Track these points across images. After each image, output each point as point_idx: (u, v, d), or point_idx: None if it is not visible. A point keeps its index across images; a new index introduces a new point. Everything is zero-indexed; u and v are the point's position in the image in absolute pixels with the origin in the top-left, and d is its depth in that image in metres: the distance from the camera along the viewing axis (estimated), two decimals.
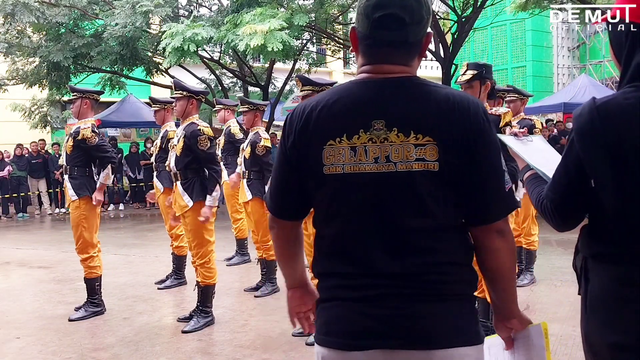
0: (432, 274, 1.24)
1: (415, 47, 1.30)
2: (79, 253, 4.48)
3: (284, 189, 1.41)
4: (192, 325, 4.06)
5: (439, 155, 1.22)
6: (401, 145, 1.24)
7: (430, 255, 1.24)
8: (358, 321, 1.25)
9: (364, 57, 1.33)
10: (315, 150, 1.29)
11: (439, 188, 1.24)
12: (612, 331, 1.30)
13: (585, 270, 1.39)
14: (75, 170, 4.42)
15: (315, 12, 10.14)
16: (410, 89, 1.28)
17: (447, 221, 1.26)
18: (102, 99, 5.25)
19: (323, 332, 1.31)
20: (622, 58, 1.36)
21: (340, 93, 1.32)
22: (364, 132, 1.26)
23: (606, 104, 1.29)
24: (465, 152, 1.23)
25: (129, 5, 9.45)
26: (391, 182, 1.24)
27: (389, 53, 1.29)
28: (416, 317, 1.22)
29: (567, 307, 4.32)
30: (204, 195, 4.06)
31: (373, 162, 1.25)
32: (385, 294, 1.24)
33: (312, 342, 3.62)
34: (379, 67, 1.31)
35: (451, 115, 1.24)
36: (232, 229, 6.38)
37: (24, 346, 3.86)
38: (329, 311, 1.31)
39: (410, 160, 1.23)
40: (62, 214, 12.43)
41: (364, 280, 1.26)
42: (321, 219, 1.34)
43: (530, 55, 19.66)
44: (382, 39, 1.27)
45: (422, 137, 1.23)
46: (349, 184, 1.27)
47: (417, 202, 1.24)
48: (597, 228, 1.37)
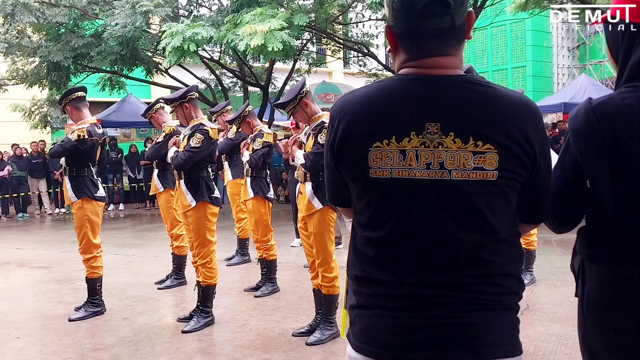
0: (485, 284, 1.18)
1: (462, 31, 1.21)
2: (82, 253, 4.47)
3: (334, 182, 1.35)
4: (192, 325, 4.06)
5: (498, 165, 1.14)
6: (457, 152, 1.15)
7: (484, 267, 1.18)
8: (403, 332, 1.18)
9: (410, 52, 1.22)
10: (361, 152, 1.20)
11: (497, 198, 1.17)
12: (610, 332, 1.29)
13: (582, 271, 1.39)
14: (75, 170, 4.41)
15: (315, 12, 10.13)
16: (468, 90, 1.18)
17: (504, 233, 1.20)
18: (102, 99, 5.23)
19: (363, 340, 1.24)
20: (618, 58, 1.36)
21: (386, 89, 1.23)
22: (416, 135, 1.16)
23: (603, 104, 1.28)
24: (527, 159, 1.17)
25: (129, 5, 9.44)
26: (444, 192, 1.16)
27: (439, 44, 1.19)
28: (465, 327, 1.16)
29: (567, 307, 4.32)
30: (207, 196, 4.07)
31: (425, 167, 1.16)
32: (431, 303, 1.17)
33: (312, 342, 3.66)
34: (428, 61, 1.20)
35: (513, 120, 1.16)
36: (234, 228, 6.38)
37: (24, 346, 3.86)
38: (369, 319, 1.24)
39: (467, 169, 1.14)
40: (62, 214, 12.43)
41: (409, 289, 1.19)
42: (365, 222, 1.26)
43: (530, 55, 19.65)
44: (430, 29, 1.17)
45: (482, 145, 1.14)
46: (397, 190, 1.18)
47: (473, 214, 1.16)
48: (594, 229, 1.37)
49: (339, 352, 3.56)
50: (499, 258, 1.19)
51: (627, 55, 1.33)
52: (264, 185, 5.12)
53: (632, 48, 1.32)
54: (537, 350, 3.51)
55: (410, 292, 1.19)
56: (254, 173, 5.11)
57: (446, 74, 1.20)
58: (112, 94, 12.81)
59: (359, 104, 1.23)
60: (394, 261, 1.21)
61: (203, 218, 4.08)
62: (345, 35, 13.33)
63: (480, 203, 1.16)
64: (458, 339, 1.16)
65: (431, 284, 1.18)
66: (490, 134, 1.15)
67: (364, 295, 1.27)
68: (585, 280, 1.37)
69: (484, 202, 1.16)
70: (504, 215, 1.19)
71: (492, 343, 1.17)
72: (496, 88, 1.21)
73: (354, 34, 13.74)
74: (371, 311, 1.24)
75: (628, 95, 1.27)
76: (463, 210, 1.16)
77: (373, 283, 1.25)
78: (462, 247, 1.17)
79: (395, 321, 1.20)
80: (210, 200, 4.11)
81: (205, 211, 4.09)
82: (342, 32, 13.34)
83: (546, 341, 3.68)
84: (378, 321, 1.22)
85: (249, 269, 6.07)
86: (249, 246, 6.28)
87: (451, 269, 1.18)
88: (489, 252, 1.18)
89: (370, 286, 1.25)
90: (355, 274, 1.29)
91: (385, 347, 1.21)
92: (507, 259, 1.21)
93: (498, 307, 1.19)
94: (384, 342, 1.21)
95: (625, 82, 1.32)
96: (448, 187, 1.16)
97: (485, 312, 1.18)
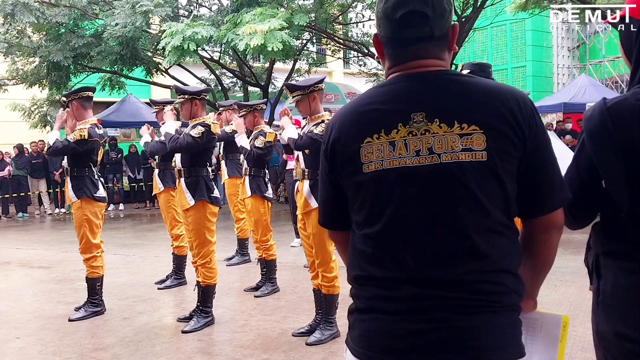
0: (483, 282, 1.17)
1: (443, 41, 1.26)
2: (82, 253, 4.47)
3: (328, 197, 1.37)
4: (192, 325, 4.06)
5: (486, 144, 1.16)
6: (444, 136, 1.17)
7: (480, 261, 1.17)
8: (403, 337, 1.17)
9: (392, 59, 1.28)
10: (354, 151, 1.24)
11: (489, 180, 1.17)
12: (623, 322, 1.30)
13: (597, 266, 1.40)
14: (76, 170, 4.41)
15: (315, 12, 10.14)
16: (449, 81, 1.23)
17: (500, 218, 1.19)
18: (102, 99, 5.22)
19: (362, 345, 1.23)
20: (632, 58, 1.36)
21: (374, 93, 1.29)
22: (403, 125, 1.20)
23: (617, 104, 1.28)
24: (516, 138, 1.18)
25: (129, 5, 9.45)
26: (436, 176, 1.17)
27: (418, 50, 1.24)
28: (466, 330, 1.15)
29: (567, 307, 4.32)
30: (207, 195, 4.07)
31: (414, 155, 1.19)
32: (430, 305, 1.16)
33: (312, 342, 3.66)
34: (409, 64, 1.26)
35: (497, 102, 1.18)
36: (234, 229, 6.38)
37: (24, 346, 3.86)
38: (368, 324, 1.23)
39: (456, 151, 1.16)
40: (62, 214, 12.43)
41: (406, 290, 1.18)
42: (362, 220, 1.27)
43: (530, 55, 19.64)
44: (408, 38, 1.23)
45: (468, 127, 1.17)
46: (390, 180, 1.20)
47: (467, 197, 1.16)
48: (609, 226, 1.37)
49: (339, 352, 3.56)
50: (494, 253, 1.18)
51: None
52: (262, 185, 5.11)
53: None
54: None
55: (409, 293, 1.18)
56: (252, 172, 5.11)
57: (427, 70, 1.25)
58: (112, 94, 12.82)
59: (347, 111, 1.30)
60: (392, 255, 1.21)
61: (202, 217, 4.08)
62: (345, 35, 13.34)
63: (472, 184, 1.17)
64: (459, 343, 1.15)
65: (430, 280, 1.17)
66: (473, 115, 1.18)
67: (362, 299, 1.26)
68: (600, 274, 1.38)
69: (476, 184, 1.17)
70: (497, 199, 1.19)
71: (494, 346, 1.16)
72: (477, 78, 1.26)
73: (354, 34, 13.75)
74: (370, 315, 1.24)
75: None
76: (458, 193, 1.17)
77: (370, 284, 1.24)
78: (461, 231, 1.17)
79: (393, 325, 1.19)
80: (210, 199, 4.11)
81: (205, 211, 4.09)
82: (342, 32, 13.35)
83: None
84: (377, 325, 1.22)
85: (249, 269, 6.07)
86: (249, 246, 6.28)
87: (453, 260, 1.16)
88: (484, 242, 1.17)
89: (369, 289, 1.25)
90: (354, 275, 1.29)
91: (384, 352, 1.20)
92: (503, 254, 1.19)
93: (499, 309, 1.18)
94: (382, 346, 1.20)
95: (639, 82, 1.32)
96: (439, 171, 1.17)
97: (486, 314, 1.16)
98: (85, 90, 4.52)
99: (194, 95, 4.16)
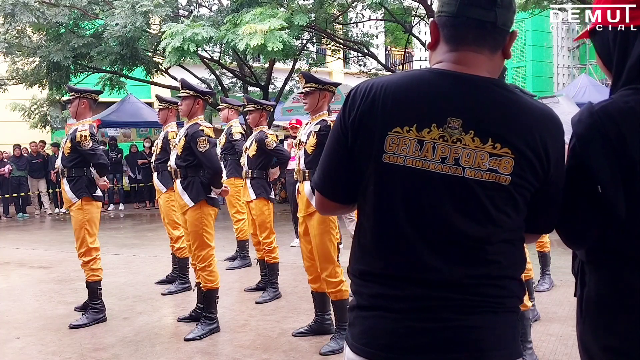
0: (488, 286, 1.18)
1: (501, 39, 1.23)
2: (81, 256, 4.38)
3: (336, 169, 1.29)
4: (195, 333, 3.94)
5: (512, 170, 1.15)
6: (474, 151, 1.15)
7: (487, 267, 1.18)
8: (405, 335, 1.17)
9: (448, 40, 1.23)
10: (378, 135, 1.19)
11: (506, 202, 1.17)
12: (607, 335, 1.28)
13: (582, 273, 1.38)
14: (73, 171, 4.38)
15: (315, 12, 10.14)
16: (495, 93, 1.19)
17: (510, 235, 1.20)
18: (102, 99, 5.22)
19: (363, 342, 1.22)
20: (611, 63, 1.34)
21: (415, 79, 1.23)
22: (437, 127, 1.16)
23: (606, 107, 1.26)
24: (541, 171, 1.18)
25: (129, 5, 9.45)
26: (456, 187, 1.16)
27: (477, 36, 1.21)
28: (468, 330, 1.16)
29: (567, 307, 4.33)
30: (204, 195, 4.06)
31: (439, 161, 1.16)
32: (434, 306, 1.16)
33: (327, 352, 3.59)
34: (462, 57, 1.22)
35: (534, 130, 1.17)
36: (233, 230, 6.36)
37: (24, 346, 3.86)
38: (370, 321, 1.22)
39: (481, 169, 1.15)
40: (62, 214, 12.43)
41: (411, 289, 1.18)
42: (370, 210, 1.23)
43: (530, 55, 19.65)
44: (472, 17, 1.19)
45: (500, 147, 1.15)
46: (408, 179, 1.17)
47: (482, 213, 1.16)
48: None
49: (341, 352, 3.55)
50: (504, 260, 1.19)
51: (622, 57, 1.31)
52: (267, 186, 5.10)
53: (626, 50, 1.30)
54: (537, 350, 3.50)
55: (413, 293, 1.18)
56: (255, 174, 5.10)
57: (477, 74, 1.21)
58: (112, 94, 12.81)
59: (386, 86, 1.22)
60: (398, 254, 1.20)
61: (200, 219, 4.03)
62: (345, 35, 13.34)
63: (488, 203, 1.16)
64: (460, 342, 1.16)
65: (434, 281, 1.17)
66: (509, 137, 1.15)
67: (364, 295, 1.25)
68: (584, 282, 1.36)
69: (491, 202, 1.16)
70: (510, 218, 1.19)
71: (495, 346, 1.17)
72: (523, 96, 1.22)
73: (354, 34, 13.75)
74: (372, 312, 1.23)
75: (630, 99, 1.26)
76: (473, 208, 1.16)
77: (376, 281, 1.23)
78: (470, 245, 1.17)
79: (396, 323, 1.19)
80: (208, 200, 4.10)
81: (203, 212, 4.04)
82: (342, 32, 13.35)
83: (546, 341, 3.68)
84: (379, 323, 1.21)
85: (249, 270, 6.07)
86: (249, 248, 6.27)
87: (457, 267, 1.17)
88: (493, 253, 1.18)
89: (372, 285, 1.23)
90: (359, 269, 1.27)
91: (385, 350, 1.19)
92: (511, 262, 1.21)
93: (500, 310, 1.19)
94: (384, 344, 1.20)
95: (624, 85, 1.30)
96: (460, 183, 1.16)
97: (488, 314, 1.17)
98: (97, 93, 4.68)
99: (199, 94, 4.16)
